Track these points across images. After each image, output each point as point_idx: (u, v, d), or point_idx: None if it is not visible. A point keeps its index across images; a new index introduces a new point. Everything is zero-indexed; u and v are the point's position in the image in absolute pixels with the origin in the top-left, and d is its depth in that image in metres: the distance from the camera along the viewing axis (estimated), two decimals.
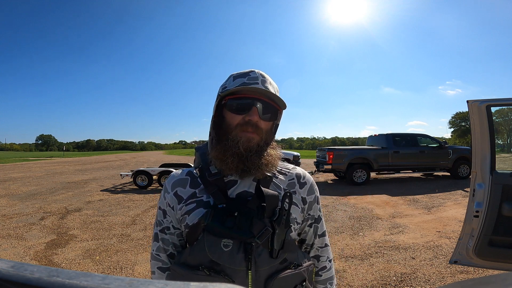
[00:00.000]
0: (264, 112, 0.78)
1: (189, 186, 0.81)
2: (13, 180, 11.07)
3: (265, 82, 0.80)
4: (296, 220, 0.81)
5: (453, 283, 0.23)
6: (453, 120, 65.47)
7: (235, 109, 0.78)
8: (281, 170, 0.86)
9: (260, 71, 0.82)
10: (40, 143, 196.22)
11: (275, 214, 0.74)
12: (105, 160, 27.27)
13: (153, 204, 6.56)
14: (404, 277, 2.92)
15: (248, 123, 0.76)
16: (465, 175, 9.58)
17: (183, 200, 0.80)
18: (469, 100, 2.29)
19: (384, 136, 9.71)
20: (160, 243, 0.84)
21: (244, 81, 0.79)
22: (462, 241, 2.38)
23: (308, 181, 0.87)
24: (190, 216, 0.77)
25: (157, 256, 0.84)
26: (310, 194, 0.87)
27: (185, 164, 10.35)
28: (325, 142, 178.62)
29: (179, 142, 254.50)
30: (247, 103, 0.77)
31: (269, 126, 0.82)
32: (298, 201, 0.83)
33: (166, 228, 0.83)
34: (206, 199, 0.78)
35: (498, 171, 2.27)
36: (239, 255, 0.69)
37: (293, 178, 0.86)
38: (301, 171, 0.89)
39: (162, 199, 0.85)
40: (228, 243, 0.70)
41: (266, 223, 0.72)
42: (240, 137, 0.76)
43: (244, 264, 0.69)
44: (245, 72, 0.81)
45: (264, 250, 0.71)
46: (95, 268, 3.26)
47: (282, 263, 0.73)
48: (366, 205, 6.20)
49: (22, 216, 5.48)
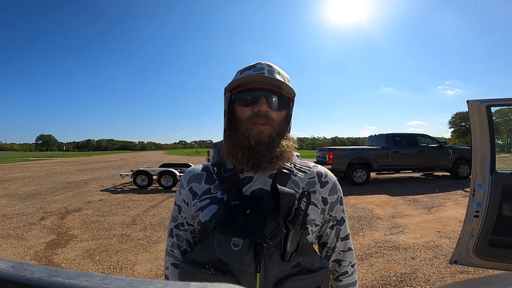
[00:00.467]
0: (273, 101, 0.75)
1: (204, 181, 0.79)
2: (13, 180, 11.06)
3: (273, 72, 0.77)
4: (315, 221, 0.75)
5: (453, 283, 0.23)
6: (453, 120, 65.47)
7: (243, 102, 0.76)
8: (300, 168, 0.82)
9: (267, 62, 0.80)
10: (40, 143, 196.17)
11: (290, 214, 0.70)
12: (105, 160, 27.27)
13: (153, 204, 6.56)
14: (404, 277, 2.92)
15: (257, 115, 0.74)
16: (465, 175, 9.58)
17: (198, 196, 0.78)
18: (469, 100, 2.29)
19: (384, 136, 9.71)
20: (175, 239, 0.82)
21: (250, 73, 0.77)
22: (462, 241, 2.38)
23: (330, 180, 0.82)
24: (203, 212, 0.74)
25: (171, 252, 0.83)
26: (332, 194, 0.81)
27: (185, 164, 10.35)
28: (325, 142, 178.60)
29: (179, 142, 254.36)
30: (254, 94, 0.75)
31: (281, 116, 0.78)
32: (317, 201, 0.78)
33: (181, 224, 0.82)
34: (221, 195, 0.75)
35: (498, 171, 2.27)
36: (248, 255, 0.66)
37: (313, 176, 0.81)
38: (322, 169, 0.84)
39: (177, 194, 0.83)
40: (238, 242, 0.66)
41: (280, 223, 0.68)
42: (251, 130, 0.73)
43: (253, 265, 0.65)
44: (251, 65, 0.80)
45: (276, 252, 0.67)
46: (95, 268, 3.26)
47: (295, 267, 0.68)
48: (366, 205, 6.20)
49: (22, 216, 5.48)
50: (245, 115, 0.75)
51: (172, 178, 8.52)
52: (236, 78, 0.78)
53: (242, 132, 0.74)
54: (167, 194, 7.80)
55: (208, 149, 16.86)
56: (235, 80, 0.77)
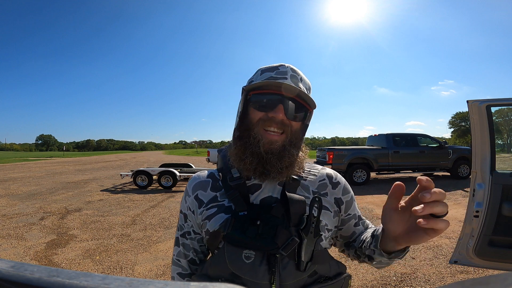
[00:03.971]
0: (291, 111, 0.71)
1: (210, 189, 0.76)
2: (13, 180, 11.06)
3: (295, 78, 0.73)
4: (327, 226, 0.73)
5: (453, 283, 0.23)
6: (453, 120, 65.46)
7: (259, 106, 0.72)
8: (309, 171, 0.79)
9: (291, 66, 0.75)
10: (40, 143, 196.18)
11: (302, 222, 0.67)
12: (105, 160, 27.26)
13: (153, 204, 6.56)
14: (404, 277, 2.92)
15: (271, 120, 0.70)
16: (465, 175, 9.57)
17: (204, 204, 0.75)
18: (469, 100, 2.29)
19: (384, 136, 9.70)
20: (181, 248, 0.80)
21: (272, 76, 0.72)
22: (462, 241, 2.38)
23: (341, 181, 0.81)
24: (211, 221, 0.71)
25: (177, 261, 0.80)
26: (346, 193, 0.80)
27: (185, 164, 10.35)
28: (325, 142, 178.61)
29: (179, 142, 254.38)
30: (272, 99, 0.71)
31: (297, 125, 0.74)
32: (329, 204, 0.75)
33: (187, 233, 0.79)
34: (228, 203, 0.72)
35: (498, 171, 2.26)
36: (262, 267, 0.63)
37: (323, 178, 0.79)
38: (331, 171, 0.82)
39: (183, 202, 0.80)
40: (250, 255, 0.64)
41: (292, 232, 0.65)
42: (262, 137, 0.70)
43: (267, 277, 0.63)
44: (274, 66, 0.75)
45: (290, 262, 0.64)
46: (95, 268, 3.26)
47: (311, 276, 0.66)
48: (366, 205, 6.19)
49: (22, 216, 5.48)
50: (258, 117, 0.72)
51: (172, 178, 8.51)
52: (256, 80, 0.74)
53: (254, 135, 0.71)
54: (167, 194, 7.80)
55: (208, 149, 16.86)
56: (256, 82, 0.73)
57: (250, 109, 0.74)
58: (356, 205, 0.84)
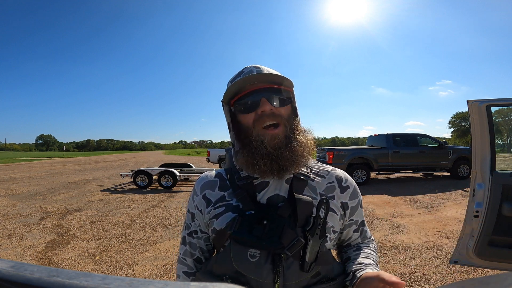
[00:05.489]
0: (274, 98, 0.73)
1: (218, 188, 0.77)
2: (13, 180, 11.06)
3: (261, 71, 0.75)
4: (333, 228, 0.73)
5: (453, 283, 0.23)
6: (453, 120, 65.46)
7: (245, 108, 0.74)
8: (318, 172, 0.79)
9: (253, 64, 0.77)
10: (40, 143, 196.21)
11: (308, 223, 0.68)
12: (105, 160, 27.26)
13: (153, 204, 6.56)
14: (404, 277, 2.91)
15: (263, 115, 0.71)
16: (465, 175, 9.56)
17: (212, 203, 0.75)
18: (469, 100, 2.29)
19: (384, 136, 9.70)
20: (187, 247, 0.80)
21: (241, 78, 0.74)
22: (462, 241, 2.38)
23: (351, 185, 0.80)
24: (218, 220, 0.72)
25: (183, 260, 0.81)
26: (353, 198, 0.80)
27: (185, 164, 10.36)
28: (325, 142, 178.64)
29: (179, 142, 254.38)
30: (253, 97, 0.72)
31: (288, 111, 0.75)
32: (336, 207, 0.75)
33: (194, 232, 0.80)
34: (236, 203, 0.73)
35: (498, 171, 2.26)
36: (266, 266, 0.64)
37: (332, 181, 0.78)
38: (342, 173, 0.81)
39: (191, 201, 0.81)
40: (255, 254, 0.65)
41: (298, 232, 0.66)
42: (264, 136, 0.71)
43: (271, 276, 0.64)
44: (239, 72, 0.78)
45: (295, 262, 0.65)
46: (95, 268, 3.26)
47: (315, 277, 0.67)
48: (366, 205, 6.19)
49: (22, 216, 5.48)
50: (251, 120, 0.73)
51: (172, 178, 8.51)
52: (228, 88, 0.76)
53: (255, 138, 0.71)
54: (167, 194, 7.80)
55: (208, 149, 16.88)
56: (228, 89, 0.75)
57: (240, 117, 0.76)
58: (362, 211, 0.83)
